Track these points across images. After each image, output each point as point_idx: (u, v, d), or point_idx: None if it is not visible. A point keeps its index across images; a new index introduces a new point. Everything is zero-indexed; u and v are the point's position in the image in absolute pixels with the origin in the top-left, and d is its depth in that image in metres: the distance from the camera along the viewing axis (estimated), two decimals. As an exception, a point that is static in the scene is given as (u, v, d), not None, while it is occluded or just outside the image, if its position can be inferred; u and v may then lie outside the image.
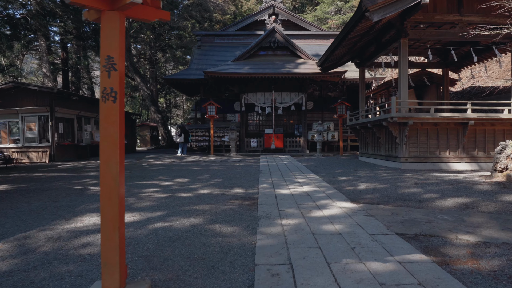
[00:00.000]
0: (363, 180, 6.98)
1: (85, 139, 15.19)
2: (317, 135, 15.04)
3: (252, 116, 19.03)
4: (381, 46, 10.74)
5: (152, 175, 8.28)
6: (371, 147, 11.47)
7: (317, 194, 5.52)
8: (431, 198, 5.02)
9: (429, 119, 8.73)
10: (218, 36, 21.11)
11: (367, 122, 10.56)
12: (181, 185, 6.74)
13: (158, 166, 10.74)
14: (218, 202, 4.96)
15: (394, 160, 9.42)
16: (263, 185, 6.56)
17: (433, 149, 9.08)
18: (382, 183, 6.42)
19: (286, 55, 17.36)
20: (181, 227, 3.67)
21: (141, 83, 22.28)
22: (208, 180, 7.37)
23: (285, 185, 6.49)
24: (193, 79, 17.75)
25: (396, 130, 9.00)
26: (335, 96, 18.73)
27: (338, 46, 10.65)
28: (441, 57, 12.76)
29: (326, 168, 9.69)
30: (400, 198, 5.13)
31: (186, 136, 15.48)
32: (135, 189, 6.25)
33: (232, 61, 17.08)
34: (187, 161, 12.36)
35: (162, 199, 5.27)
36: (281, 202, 4.91)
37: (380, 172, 8.26)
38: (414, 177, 7.17)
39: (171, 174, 8.41)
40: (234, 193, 5.74)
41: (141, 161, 12.83)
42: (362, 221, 3.80)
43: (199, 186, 6.56)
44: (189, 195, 5.55)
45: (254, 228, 3.60)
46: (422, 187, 5.91)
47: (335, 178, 7.48)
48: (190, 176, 8.06)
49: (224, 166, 10.34)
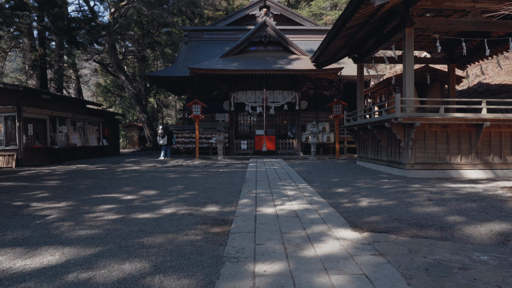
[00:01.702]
0: (364, 193, 5.84)
1: (60, 141, 13.92)
2: (311, 137, 13.91)
3: (242, 117, 17.87)
4: (382, 38, 9.63)
5: (117, 186, 7.08)
6: (371, 151, 10.35)
7: (308, 214, 4.37)
8: (455, 223, 3.89)
9: (438, 120, 7.62)
10: (207, 31, 19.91)
11: (367, 123, 9.44)
12: (145, 200, 5.55)
13: (132, 172, 9.54)
14: (178, 230, 3.79)
15: (398, 167, 8.29)
16: (244, 200, 5.39)
17: (443, 154, 7.97)
18: (388, 198, 5.28)
19: (278, 51, 16.21)
20: (103, 281, 2.49)
21: (126, 82, 21.02)
22: (180, 192, 6.19)
23: (270, 201, 5.33)
24: (179, 76, 16.52)
25: (401, 132, 7.88)
26: (331, 95, 17.62)
27: (335, 37, 9.51)
28: (446, 52, 11.68)
29: (321, 175, 8.55)
30: (414, 222, 3.99)
31: (169, 138, 14.27)
32: (86, 206, 5.06)
33: (220, 57, 15.89)
34: (167, 167, 11.16)
35: (108, 223, 4.08)
36: (261, 229, 3.75)
37: (383, 181, 7.13)
38: (424, 189, 6.04)
39: (140, 184, 7.21)
40: (204, 213, 4.58)
41: (116, 166, 11.61)
42: (369, 268, 2.65)
43: (166, 202, 5.38)
44: (146, 217, 4.37)
45: (212, 282, 2.44)
46: (438, 204, 4.78)
47: (331, 190, 6.33)
48: (161, 186, 6.87)
49: (206, 173, 9.16)
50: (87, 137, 15.95)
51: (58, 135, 13.98)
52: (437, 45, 7.98)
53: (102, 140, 17.15)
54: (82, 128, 15.91)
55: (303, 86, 16.31)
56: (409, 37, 8.00)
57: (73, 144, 14.27)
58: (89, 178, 8.39)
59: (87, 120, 16.08)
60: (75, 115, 14.91)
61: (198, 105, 13.72)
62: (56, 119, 13.97)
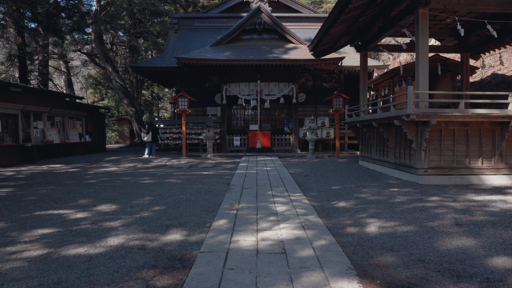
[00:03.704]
0: (372, 210, 4.69)
1: (35, 138, 12.74)
2: (310, 133, 12.74)
3: (235, 110, 16.67)
4: (389, 22, 8.40)
5: (74, 196, 5.93)
6: (375, 151, 9.19)
7: (300, 249, 3.23)
8: (506, 270, 2.74)
9: (457, 117, 6.44)
10: (198, 19, 18.56)
11: (372, 119, 8.26)
12: (96, 220, 4.41)
13: (103, 176, 8.38)
14: (111, 282, 2.64)
15: (408, 171, 7.14)
16: (221, 221, 4.25)
17: (461, 157, 6.81)
18: (404, 221, 4.14)
19: (274, 39, 14.94)
20: None
21: (113, 73, 19.74)
22: (145, 208, 5.04)
23: (253, 222, 4.18)
24: (166, 67, 15.27)
25: (413, 131, 6.71)
26: (331, 87, 16.38)
27: (335, 21, 8.28)
28: (460, 39, 10.43)
29: (319, 179, 7.40)
30: (446, 267, 2.85)
31: (154, 134, 13.08)
32: (15, 231, 3.92)
33: (211, 46, 14.62)
34: (148, 168, 10.00)
35: (20, 267, 2.93)
36: (228, 281, 2.60)
37: (393, 191, 5.98)
38: (446, 203, 4.90)
39: (102, 195, 6.05)
40: (162, 245, 3.43)
41: (92, 166, 10.44)
42: None
43: (120, 224, 4.23)
44: (80, 254, 3.22)
45: None
46: (471, 232, 3.64)
47: (330, 204, 5.18)
48: (126, 198, 5.71)
49: (186, 177, 8.01)
50: (67, 133, 14.76)
51: (33, 131, 12.79)
52: (458, 27, 6.75)
53: (85, 136, 15.95)
54: (61, 123, 14.71)
55: (301, 77, 15.10)
56: (423, 19, 6.78)
57: (49, 141, 13.09)
58: (49, 184, 7.23)
59: (67, 114, 14.87)
60: (53, 109, 13.69)
61: (184, 98, 12.51)
62: (30, 114, 12.75)
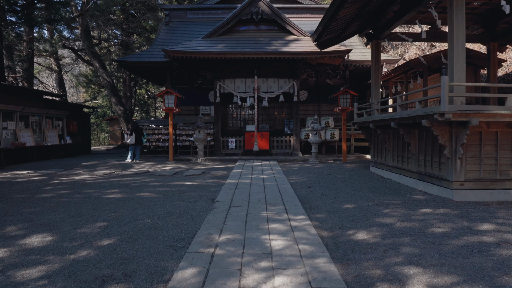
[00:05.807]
0: (407, 249, 3.29)
1: (4, 141, 11.34)
2: (312, 134, 11.34)
3: (230, 109, 15.29)
4: (409, 4, 6.99)
5: (7, 220, 4.53)
6: (391, 157, 7.78)
7: None
8: None
9: (504, 116, 5.03)
10: (191, 10, 17.14)
11: (389, 119, 6.85)
12: (6, 266, 3.00)
13: (65, 188, 6.97)
14: None
15: (437, 184, 5.73)
16: (187, 270, 2.84)
17: (506, 167, 5.41)
18: (463, 274, 2.73)
19: (273, 31, 13.54)
20: None
21: (100, 69, 18.33)
22: (87, 242, 3.63)
23: (235, 273, 2.78)
24: (155, 62, 13.89)
25: (446, 134, 5.30)
26: (335, 84, 14.97)
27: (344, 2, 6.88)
28: (486, 27, 9.03)
29: (326, 192, 6.00)
30: None
31: (138, 136, 11.69)
32: None
33: (203, 38, 13.23)
34: (124, 175, 8.59)
35: None
36: None
37: (425, 213, 4.57)
38: (507, 236, 3.50)
39: (44, 218, 4.64)
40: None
41: (63, 173, 9.05)
42: None
43: (37, 275, 2.83)
44: None
45: None
46: None
47: (346, 235, 3.78)
48: (71, 225, 4.30)
49: (164, 189, 6.60)
50: (44, 134, 13.37)
51: (2, 132, 11.40)
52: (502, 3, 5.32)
53: (65, 138, 14.55)
54: (37, 123, 13.31)
55: (303, 73, 13.69)
56: (457, -7, 5.38)
57: (21, 143, 11.70)
58: (-8, 199, 5.84)
59: (44, 114, 13.46)
60: (26, 108, 12.29)
61: (171, 96, 11.09)
62: (-2, 113, 11.36)
